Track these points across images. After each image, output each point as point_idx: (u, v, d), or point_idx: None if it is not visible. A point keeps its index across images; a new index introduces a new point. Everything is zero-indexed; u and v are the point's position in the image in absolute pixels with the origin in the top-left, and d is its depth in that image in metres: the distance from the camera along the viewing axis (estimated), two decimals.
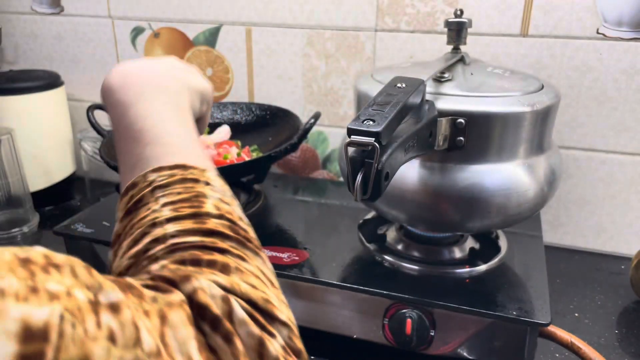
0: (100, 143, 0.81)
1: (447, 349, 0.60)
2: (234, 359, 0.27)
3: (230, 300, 0.28)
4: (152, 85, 0.39)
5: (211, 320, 0.27)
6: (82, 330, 0.20)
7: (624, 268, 0.83)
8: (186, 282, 0.28)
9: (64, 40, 1.10)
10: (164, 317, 0.25)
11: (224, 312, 0.28)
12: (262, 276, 0.32)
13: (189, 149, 0.37)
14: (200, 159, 0.36)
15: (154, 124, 0.36)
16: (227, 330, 0.27)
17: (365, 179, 0.45)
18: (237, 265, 0.31)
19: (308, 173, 1.02)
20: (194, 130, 0.40)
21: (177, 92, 0.41)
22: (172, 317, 0.26)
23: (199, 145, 0.38)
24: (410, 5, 0.85)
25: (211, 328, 0.27)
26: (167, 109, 0.38)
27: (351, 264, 0.67)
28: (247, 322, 0.28)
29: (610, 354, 0.65)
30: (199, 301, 0.28)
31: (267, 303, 0.30)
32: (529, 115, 0.58)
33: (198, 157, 0.36)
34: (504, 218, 0.61)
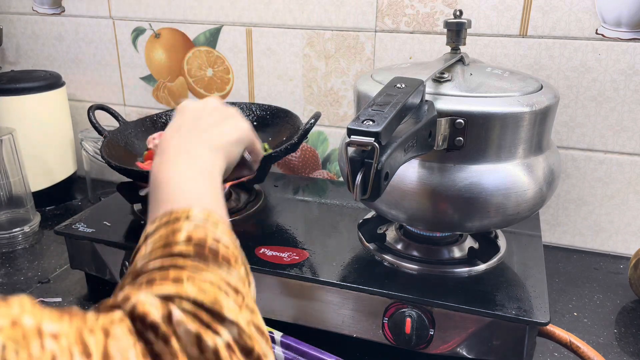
0: (101, 143, 0.82)
1: (447, 348, 0.60)
2: (172, 357, 0.30)
3: (168, 305, 0.31)
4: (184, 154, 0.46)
5: (152, 327, 0.30)
6: (26, 354, 0.23)
7: (622, 267, 0.84)
8: (126, 301, 0.32)
9: (65, 41, 1.10)
10: (107, 332, 0.29)
11: (163, 316, 0.31)
12: (221, 284, 0.35)
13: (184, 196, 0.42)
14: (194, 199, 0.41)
15: (167, 188, 0.43)
16: (164, 333, 0.30)
17: (365, 179, 0.45)
18: (190, 275, 0.34)
19: (308, 173, 1.02)
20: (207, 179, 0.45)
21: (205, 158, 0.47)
22: (114, 331, 0.29)
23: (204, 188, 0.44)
24: (410, 6, 0.86)
25: (154, 334, 0.30)
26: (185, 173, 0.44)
27: (351, 264, 0.67)
28: (184, 321, 0.31)
29: (609, 353, 0.66)
30: (138, 313, 0.31)
31: (215, 304, 0.33)
32: (528, 115, 0.58)
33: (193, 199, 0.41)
34: (503, 218, 0.61)
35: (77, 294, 0.78)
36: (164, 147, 0.47)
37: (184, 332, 0.31)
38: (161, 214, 0.40)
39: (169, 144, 0.47)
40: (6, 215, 0.93)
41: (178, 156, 0.46)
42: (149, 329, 0.30)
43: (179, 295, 0.32)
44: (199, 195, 0.43)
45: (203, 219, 0.39)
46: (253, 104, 0.95)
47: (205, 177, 0.45)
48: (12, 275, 0.82)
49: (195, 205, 0.40)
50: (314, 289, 0.64)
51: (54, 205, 1.05)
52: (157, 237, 0.38)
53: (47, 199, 1.03)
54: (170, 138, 0.48)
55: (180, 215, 0.39)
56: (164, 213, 0.40)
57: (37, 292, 0.78)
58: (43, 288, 0.79)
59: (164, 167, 0.44)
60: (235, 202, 0.84)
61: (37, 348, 0.24)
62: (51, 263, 0.86)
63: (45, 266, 0.85)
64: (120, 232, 0.75)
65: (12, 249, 0.89)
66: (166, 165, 0.45)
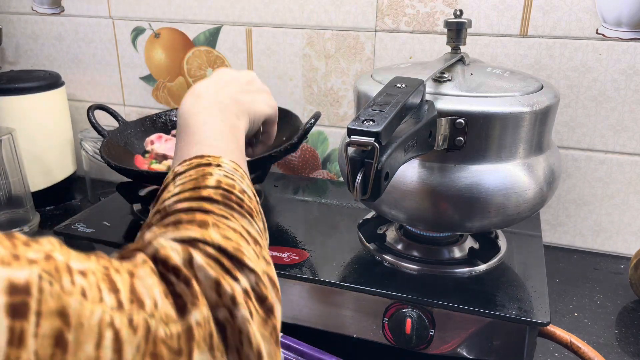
0: (101, 143, 0.81)
1: (447, 349, 0.60)
2: (193, 298, 0.31)
3: (189, 250, 0.33)
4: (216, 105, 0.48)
5: (173, 270, 0.32)
6: (59, 287, 0.24)
7: (623, 268, 0.84)
8: (148, 246, 0.34)
9: (65, 41, 1.10)
10: (132, 273, 0.30)
11: (184, 260, 0.32)
12: (243, 233, 0.36)
13: (216, 144, 0.43)
14: (224, 151, 0.43)
15: (199, 131, 0.44)
16: (186, 276, 0.31)
17: (365, 179, 0.45)
18: (216, 221, 0.36)
19: (308, 173, 1.02)
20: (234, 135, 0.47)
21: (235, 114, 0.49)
22: (138, 272, 0.30)
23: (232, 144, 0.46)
24: (410, 6, 0.86)
25: (175, 277, 0.31)
26: (217, 123, 0.46)
27: (351, 264, 0.67)
28: (205, 266, 0.32)
29: (610, 353, 0.66)
30: (160, 257, 0.32)
31: (237, 251, 0.34)
32: (528, 115, 0.58)
33: (222, 150, 0.43)
34: (503, 218, 0.61)
35: None
36: (199, 91, 0.49)
37: (204, 277, 0.32)
38: (192, 156, 0.41)
39: (206, 90, 0.49)
40: (5, 216, 0.93)
41: (213, 105, 0.47)
42: (171, 272, 0.32)
43: (204, 240, 0.34)
44: (229, 148, 0.44)
45: (232, 169, 0.41)
46: None
47: (233, 134, 0.47)
48: None
49: (226, 156, 0.42)
50: (314, 289, 0.64)
51: (53, 205, 1.05)
52: (187, 178, 0.39)
53: (46, 199, 1.03)
54: (207, 86, 0.50)
55: (212, 161, 0.41)
56: (196, 155, 0.41)
57: None
58: None
59: (197, 111, 0.46)
60: None
61: (68, 282, 0.25)
62: None
63: None
64: (120, 232, 0.75)
65: None
66: (199, 109, 0.46)
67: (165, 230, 0.35)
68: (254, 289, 0.34)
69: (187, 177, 0.39)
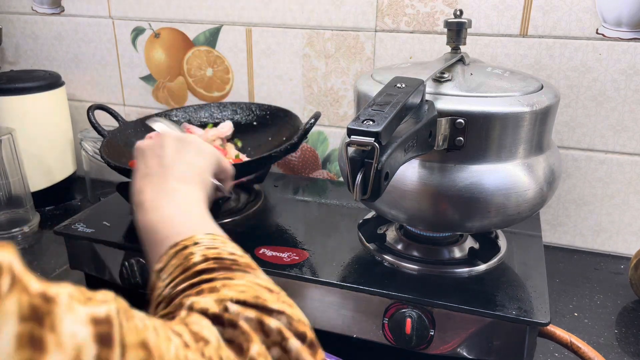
0: (101, 143, 0.81)
1: (447, 349, 0.60)
2: (245, 336, 0.31)
3: (222, 302, 0.33)
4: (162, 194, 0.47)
5: (215, 319, 0.31)
6: (133, 324, 0.25)
7: (623, 268, 0.84)
8: (181, 308, 0.33)
9: (65, 41, 1.10)
10: (185, 322, 0.31)
11: (220, 309, 0.32)
12: (253, 286, 0.36)
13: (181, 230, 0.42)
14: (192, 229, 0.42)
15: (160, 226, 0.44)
16: (230, 319, 0.31)
17: (365, 179, 0.45)
18: (224, 284, 0.35)
19: (308, 173, 1.02)
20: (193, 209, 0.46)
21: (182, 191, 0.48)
22: (189, 320, 0.31)
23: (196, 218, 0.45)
24: (410, 6, 0.86)
25: (219, 325, 0.31)
26: (168, 212, 0.45)
27: (351, 264, 0.67)
28: (241, 311, 0.32)
29: (610, 353, 0.66)
30: (197, 310, 0.32)
31: (257, 299, 0.34)
32: (529, 115, 0.58)
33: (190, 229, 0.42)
34: (503, 218, 0.61)
35: None
36: (141, 200, 0.48)
37: (245, 320, 0.32)
38: (166, 250, 0.41)
39: (145, 194, 0.48)
40: (5, 215, 0.93)
41: (158, 200, 0.47)
42: (214, 321, 0.32)
43: (222, 299, 0.33)
44: (196, 223, 0.44)
45: (210, 240, 0.40)
46: (253, 104, 0.95)
47: (191, 207, 0.46)
48: None
49: (197, 232, 0.41)
50: (314, 289, 0.64)
51: (53, 205, 1.05)
52: (171, 268, 0.39)
53: (46, 199, 1.03)
54: (144, 188, 0.49)
55: (187, 243, 0.40)
56: (169, 247, 0.41)
57: None
58: None
59: (149, 214, 0.45)
60: (235, 202, 0.84)
61: (140, 321, 0.26)
62: (50, 263, 0.85)
63: (45, 266, 0.84)
64: (120, 232, 0.75)
65: None
66: (150, 211, 0.46)
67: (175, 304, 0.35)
68: (289, 329, 0.33)
69: (172, 268, 0.39)
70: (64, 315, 0.21)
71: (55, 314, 0.21)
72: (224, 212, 0.81)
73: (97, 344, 0.22)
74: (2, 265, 0.20)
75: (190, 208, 0.46)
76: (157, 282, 0.39)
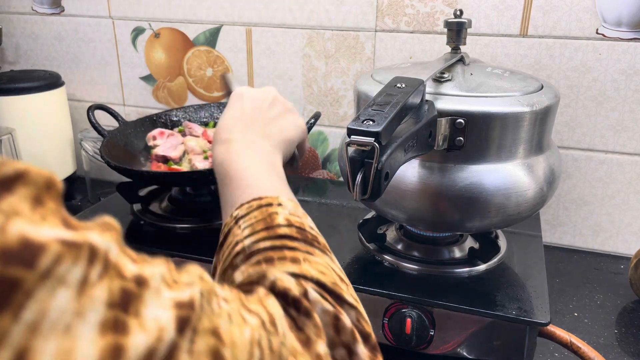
0: (101, 143, 0.81)
1: (447, 348, 0.60)
2: (316, 330, 0.30)
3: (302, 283, 0.32)
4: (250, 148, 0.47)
5: (293, 302, 0.31)
6: (210, 308, 0.25)
7: (623, 268, 0.84)
8: (264, 279, 0.33)
9: (65, 41, 1.10)
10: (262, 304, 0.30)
11: (300, 293, 0.32)
12: (330, 269, 0.35)
13: (266, 185, 0.42)
14: (276, 190, 0.42)
15: (244, 176, 0.43)
16: (306, 308, 0.31)
17: (365, 179, 0.45)
18: (305, 257, 0.35)
19: (308, 173, 1.02)
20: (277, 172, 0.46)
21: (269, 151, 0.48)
22: (266, 302, 0.30)
23: (279, 182, 0.45)
24: (410, 6, 0.86)
25: (295, 310, 0.31)
26: (257, 165, 0.45)
27: (351, 264, 0.67)
28: (320, 300, 0.32)
29: (610, 353, 0.66)
30: (279, 289, 0.32)
31: (335, 286, 0.33)
32: (529, 115, 0.58)
33: (275, 189, 0.42)
34: (503, 218, 0.61)
35: None
36: (227, 136, 0.47)
37: (321, 312, 0.31)
38: (249, 199, 0.40)
39: (233, 133, 0.47)
40: None
41: (246, 147, 0.46)
42: (291, 305, 0.31)
43: (303, 275, 0.33)
44: (280, 187, 0.43)
45: (293, 207, 0.40)
46: None
47: (276, 171, 0.46)
48: None
49: (282, 195, 0.41)
50: None
51: None
52: (253, 219, 0.38)
53: None
54: (233, 126, 0.48)
55: (272, 201, 0.39)
56: (253, 198, 0.40)
57: None
58: None
59: (234, 157, 0.45)
60: None
61: (217, 305, 0.26)
62: None
63: None
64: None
65: None
66: (236, 154, 0.45)
67: (268, 267, 0.34)
68: (356, 326, 0.32)
69: (253, 219, 0.38)
70: (151, 301, 0.22)
71: (143, 298, 0.21)
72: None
73: (176, 328, 0.22)
74: (98, 252, 0.21)
75: (276, 170, 0.46)
76: (234, 227, 0.39)
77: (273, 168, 0.46)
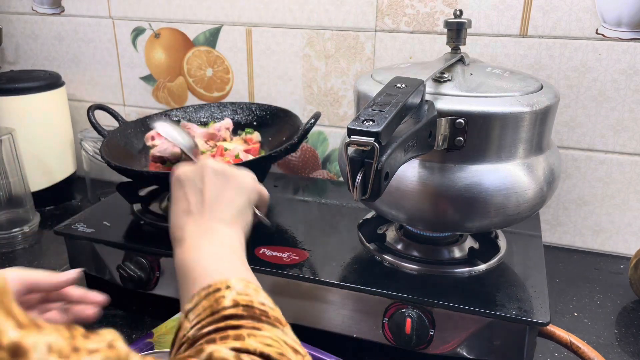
0: (101, 143, 0.81)
1: (447, 348, 0.60)
2: None
3: (241, 356, 0.32)
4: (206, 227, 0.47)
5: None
6: None
7: (622, 268, 0.84)
8: (201, 353, 0.32)
9: (65, 41, 1.10)
10: None
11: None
12: (280, 342, 0.35)
13: (217, 271, 0.42)
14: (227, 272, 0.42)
15: (197, 264, 0.43)
16: None
17: (365, 179, 0.45)
18: (250, 333, 0.35)
19: (308, 173, 1.02)
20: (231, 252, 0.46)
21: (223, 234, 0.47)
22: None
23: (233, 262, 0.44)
24: (410, 6, 0.86)
25: None
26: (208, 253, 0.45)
27: (351, 264, 0.67)
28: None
29: (610, 353, 0.66)
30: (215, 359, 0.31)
31: (283, 357, 0.33)
32: (528, 115, 0.58)
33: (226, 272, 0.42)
34: (503, 218, 0.61)
35: None
36: (180, 234, 0.47)
37: None
38: (198, 290, 0.40)
39: (184, 230, 0.47)
40: (6, 216, 0.93)
41: (199, 240, 0.46)
42: None
43: (245, 349, 0.33)
44: (231, 267, 0.43)
45: (243, 287, 0.40)
46: (253, 104, 0.95)
47: (231, 251, 0.46)
48: None
49: (232, 276, 0.41)
50: (314, 289, 0.64)
51: (53, 205, 1.05)
52: (200, 309, 0.38)
53: (46, 199, 1.03)
54: (184, 223, 0.48)
55: (220, 286, 0.39)
56: (202, 288, 0.40)
57: None
58: None
59: (188, 254, 0.45)
60: None
61: None
62: (51, 263, 0.85)
63: (45, 266, 0.84)
64: (120, 232, 0.75)
65: (11, 249, 0.89)
66: (189, 250, 0.45)
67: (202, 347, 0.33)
68: None
69: (201, 309, 0.38)
70: None
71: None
72: None
73: None
74: None
75: (228, 251, 0.46)
76: (184, 322, 0.39)
77: (227, 249, 0.46)
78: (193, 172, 0.51)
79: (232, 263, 0.44)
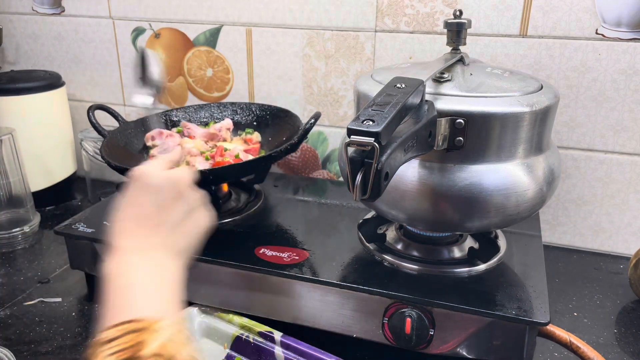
0: (101, 143, 0.82)
1: (447, 348, 0.60)
2: None
3: None
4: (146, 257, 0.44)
5: None
6: None
7: (622, 267, 0.84)
8: None
9: (65, 41, 1.10)
10: None
11: None
12: None
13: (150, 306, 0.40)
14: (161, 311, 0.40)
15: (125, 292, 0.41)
16: None
17: (365, 179, 0.45)
18: None
19: (308, 173, 1.02)
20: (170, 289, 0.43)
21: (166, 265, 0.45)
22: None
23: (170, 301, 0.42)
24: (410, 6, 0.86)
25: None
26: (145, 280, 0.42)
27: (351, 264, 0.67)
28: None
29: (609, 353, 0.66)
30: None
31: None
32: (528, 115, 0.58)
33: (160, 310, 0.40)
34: (503, 218, 0.61)
35: (77, 294, 0.78)
36: (121, 243, 0.45)
37: None
38: (125, 320, 0.38)
39: (128, 240, 0.45)
40: (6, 215, 0.93)
41: (141, 260, 0.44)
42: None
43: None
44: (165, 307, 0.41)
45: (174, 332, 0.38)
46: (253, 104, 0.95)
47: (169, 285, 0.43)
48: (12, 275, 0.82)
49: (163, 317, 0.39)
50: (314, 289, 0.64)
51: (53, 205, 1.05)
52: (121, 345, 0.36)
53: (46, 199, 1.03)
54: (130, 232, 0.45)
55: (147, 325, 0.37)
56: (128, 320, 0.38)
57: (36, 292, 0.78)
58: (43, 288, 0.79)
59: (122, 270, 0.43)
60: (235, 202, 0.84)
61: None
62: (51, 263, 0.85)
63: (45, 266, 0.85)
64: None
65: (11, 249, 0.89)
66: (125, 268, 0.43)
67: None
68: None
69: (122, 345, 0.36)
70: None
71: None
72: (224, 212, 0.81)
73: None
74: None
75: (170, 285, 0.43)
76: (99, 350, 0.36)
77: (168, 283, 0.43)
78: (162, 179, 0.48)
79: (167, 300, 0.42)
